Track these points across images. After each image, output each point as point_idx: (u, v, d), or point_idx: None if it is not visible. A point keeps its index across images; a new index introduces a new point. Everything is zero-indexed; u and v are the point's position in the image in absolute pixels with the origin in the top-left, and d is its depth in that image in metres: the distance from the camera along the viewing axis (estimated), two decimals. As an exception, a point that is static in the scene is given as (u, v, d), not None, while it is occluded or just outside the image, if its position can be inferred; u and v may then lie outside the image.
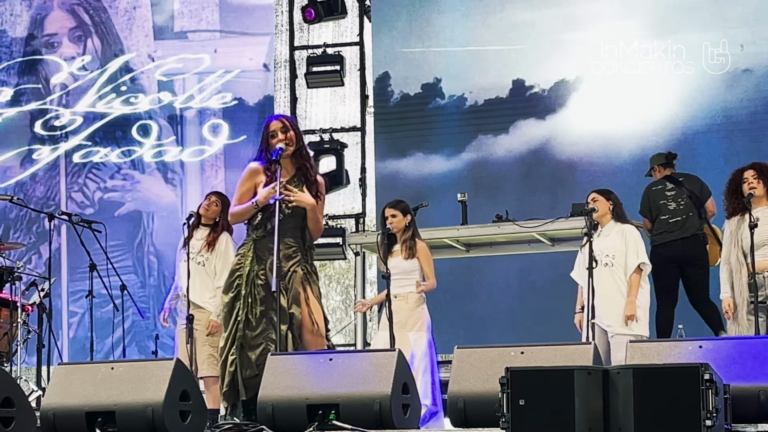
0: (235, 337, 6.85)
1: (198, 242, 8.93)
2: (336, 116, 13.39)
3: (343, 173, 12.91)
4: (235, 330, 6.86)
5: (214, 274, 8.86)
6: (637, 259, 8.43)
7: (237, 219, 7.11)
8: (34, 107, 13.82)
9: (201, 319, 8.72)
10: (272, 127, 7.02)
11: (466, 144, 12.81)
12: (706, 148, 11.99)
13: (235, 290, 6.92)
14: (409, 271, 8.80)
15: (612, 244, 8.43)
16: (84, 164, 13.69)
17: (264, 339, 6.81)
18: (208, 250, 8.90)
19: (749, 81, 12.03)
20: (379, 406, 5.75)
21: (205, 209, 9.03)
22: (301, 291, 6.87)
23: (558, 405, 5.07)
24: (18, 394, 6.27)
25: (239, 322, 6.85)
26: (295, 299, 6.86)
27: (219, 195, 9.19)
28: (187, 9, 13.81)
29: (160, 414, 5.90)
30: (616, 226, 8.55)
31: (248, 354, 6.81)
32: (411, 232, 8.91)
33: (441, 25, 13.10)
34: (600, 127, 12.42)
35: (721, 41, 12.09)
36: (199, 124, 13.66)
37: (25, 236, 13.46)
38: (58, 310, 12.88)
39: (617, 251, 8.40)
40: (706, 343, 5.70)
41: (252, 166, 7.04)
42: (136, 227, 13.54)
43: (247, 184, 7.02)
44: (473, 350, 5.95)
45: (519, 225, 10.32)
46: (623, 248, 8.43)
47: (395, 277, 8.62)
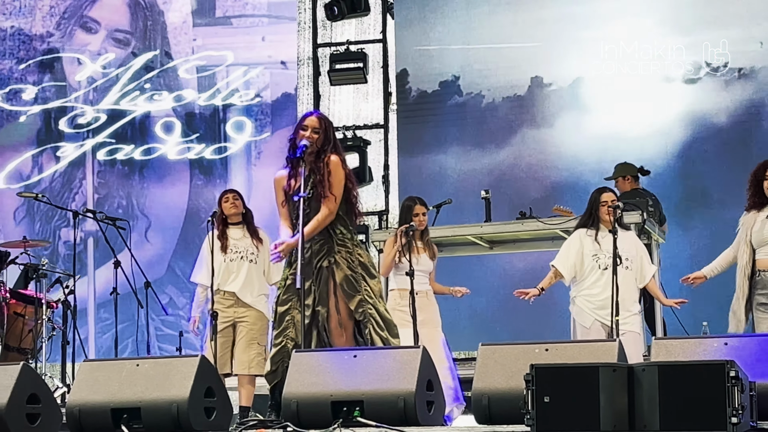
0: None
1: (240, 242, 8.85)
2: (359, 113, 13.39)
3: (366, 170, 12.91)
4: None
5: (263, 273, 8.83)
6: (653, 267, 8.62)
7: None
8: (58, 105, 13.87)
9: (249, 317, 8.71)
10: (308, 122, 7.02)
11: (489, 140, 12.81)
12: (738, 144, 11.97)
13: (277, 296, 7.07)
14: (430, 270, 9.01)
15: (626, 247, 8.41)
16: (108, 161, 13.74)
17: (284, 337, 6.87)
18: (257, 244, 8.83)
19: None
20: (403, 402, 5.75)
21: (233, 207, 8.92)
22: (328, 287, 6.91)
23: (583, 402, 5.06)
24: (44, 390, 6.31)
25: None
26: (322, 297, 6.89)
27: (235, 191, 9.13)
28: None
29: (185, 410, 5.91)
30: (621, 231, 8.46)
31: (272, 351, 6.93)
32: (428, 229, 9.11)
33: (462, 22, 13.09)
34: (618, 125, 12.40)
35: (746, 38, 12.06)
36: (223, 121, 13.69)
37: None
38: (84, 308, 12.96)
39: (631, 256, 8.41)
40: (732, 340, 5.68)
41: (275, 177, 7.11)
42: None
43: (278, 199, 7.08)
44: (497, 347, 5.94)
45: (542, 222, 10.31)
46: (637, 255, 8.44)
47: (420, 273, 8.71)
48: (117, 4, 14.01)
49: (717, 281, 11.13)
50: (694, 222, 12.05)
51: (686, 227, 12.02)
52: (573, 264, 8.47)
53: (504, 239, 10.88)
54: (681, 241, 11.73)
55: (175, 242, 13.47)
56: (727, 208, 10.11)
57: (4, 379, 6.12)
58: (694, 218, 12.08)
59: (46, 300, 10.09)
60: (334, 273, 6.92)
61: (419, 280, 8.72)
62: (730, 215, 8.46)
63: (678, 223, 11.78)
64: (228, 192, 9.08)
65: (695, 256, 11.24)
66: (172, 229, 13.55)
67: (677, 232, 11.63)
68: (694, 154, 12.26)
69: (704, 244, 11.53)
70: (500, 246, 11.02)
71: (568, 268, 8.48)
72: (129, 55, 13.88)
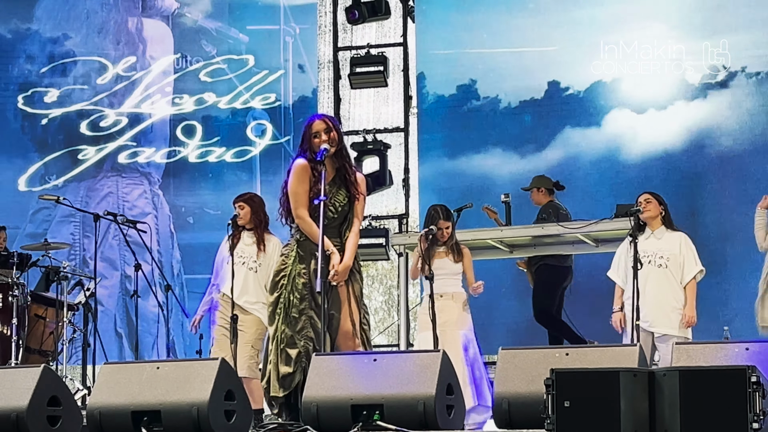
0: (277, 336, 6.90)
1: (248, 248, 8.89)
2: (379, 117, 13.39)
3: (387, 174, 12.90)
4: (276, 328, 6.90)
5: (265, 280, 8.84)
6: (697, 267, 8.50)
7: (304, 229, 7.01)
8: (80, 108, 13.91)
9: (245, 321, 8.72)
10: (315, 127, 7.02)
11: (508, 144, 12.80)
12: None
13: (279, 290, 6.96)
14: (455, 273, 9.10)
15: (668, 247, 8.42)
16: (128, 165, 13.78)
17: (303, 338, 6.83)
18: (261, 252, 8.85)
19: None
20: (423, 406, 5.75)
21: (239, 218, 8.96)
22: (341, 292, 6.91)
23: (603, 407, 5.05)
24: (64, 393, 6.33)
25: (281, 321, 6.89)
26: (335, 302, 6.90)
27: (242, 199, 9.10)
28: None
29: (206, 413, 5.92)
30: (669, 232, 8.52)
31: (287, 351, 6.84)
32: (454, 235, 9.19)
33: (480, 26, 13.08)
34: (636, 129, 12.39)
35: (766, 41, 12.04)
36: (244, 124, 13.71)
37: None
38: (108, 309, 13.01)
39: (672, 254, 8.39)
40: (753, 346, 5.66)
41: (301, 163, 6.99)
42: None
43: (304, 184, 6.96)
44: (518, 351, 5.93)
45: (563, 226, 10.30)
46: (679, 253, 8.41)
47: (442, 277, 8.79)
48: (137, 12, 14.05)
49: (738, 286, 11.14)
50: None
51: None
52: (623, 271, 8.50)
53: (524, 243, 10.87)
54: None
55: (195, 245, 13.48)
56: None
57: (26, 382, 6.15)
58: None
59: (67, 302, 10.13)
60: (351, 282, 6.95)
61: (444, 282, 8.82)
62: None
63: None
64: (235, 201, 9.07)
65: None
66: (192, 233, 13.57)
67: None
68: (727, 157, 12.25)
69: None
70: (520, 250, 11.00)
71: (621, 276, 8.53)
72: (149, 58, 13.91)
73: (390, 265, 13.14)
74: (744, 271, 10.94)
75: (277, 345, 6.87)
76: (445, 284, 8.86)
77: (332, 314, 6.87)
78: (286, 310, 6.89)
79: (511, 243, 10.87)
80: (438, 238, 9.01)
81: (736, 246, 11.52)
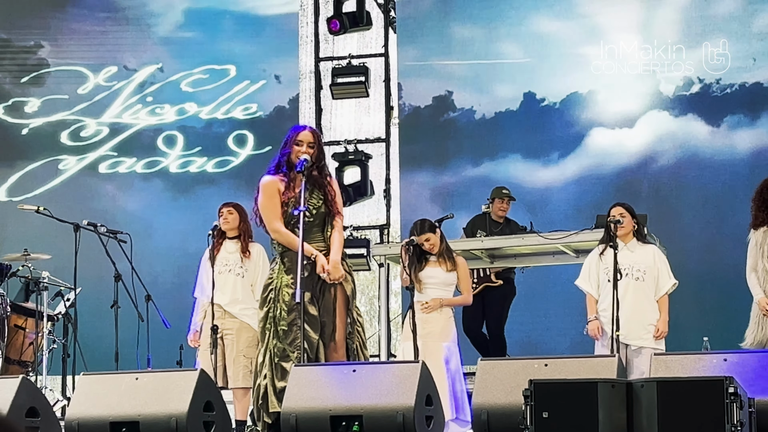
0: (269, 350, 6.90)
1: (231, 255, 8.87)
2: (360, 127, 13.39)
3: (368, 184, 12.91)
4: (268, 343, 6.92)
5: (251, 286, 8.82)
6: (671, 280, 8.49)
7: (282, 241, 7.09)
8: (61, 118, 13.87)
9: (233, 328, 8.70)
10: (302, 136, 7.08)
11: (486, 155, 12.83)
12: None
13: (268, 305, 7.00)
14: (448, 283, 8.84)
15: (642, 260, 8.42)
16: (109, 174, 13.74)
17: (296, 348, 6.83)
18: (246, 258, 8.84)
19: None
20: (402, 417, 5.75)
21: (225, 223, 8.96)
22: (330, 297, 6.95)
23: (582, 417, 5.06)
24: (43, 404, 6.32)
25: (272, 336, 6.91)
26: (326, 307, 6.93)
27: (231, 205, 9.10)
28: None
29: (184, 424, 5.92)
30: (640, 245, 8.53)
31: (282, 365, 6.85)
32: (444, 244, 8.94)
33: (458, 37, 13.12)
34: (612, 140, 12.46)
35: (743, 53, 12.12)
36: (224, 135, 13.69)
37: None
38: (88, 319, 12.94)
39: (648, 267, 8.40)
40: (731, 356, 5.68)
41: (268, 179, 7.11)
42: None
43: (274, 199, 7.06)
44: (497, 362, 5.95)
45: (543, 236, 10.30)
46: (654, 266, 8.43)
47: (432, 286, 8.68)
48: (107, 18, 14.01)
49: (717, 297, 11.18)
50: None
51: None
52: (595, 281, 8.50)
53: (505, 254, 10.87)
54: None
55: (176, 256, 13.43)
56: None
57: (4, 393, 6.13)
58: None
59: (46, 313, 10.09)
60: (342, 283, 6.99)
61: (433, 292, 8.70)
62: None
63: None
64: (223, 206, 9.05)
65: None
66: (172, 243, 13.52)
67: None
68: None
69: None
70: (501, 260, 11.00)
71: (594, 287, 8.52)
72: (131, 68, 13.89)
73: (371, 276, 13.14)
74: (723, 282, 10.97)
75: (271, 360, 6.88)
76: (434, 294, 8.71)
77: (324, 322, 6.89)
78: (276, 325, 6.92)
79: (492, 253, 10.87)
80: (428, 249, 8.89)
81: (716, 256, 11.57)
